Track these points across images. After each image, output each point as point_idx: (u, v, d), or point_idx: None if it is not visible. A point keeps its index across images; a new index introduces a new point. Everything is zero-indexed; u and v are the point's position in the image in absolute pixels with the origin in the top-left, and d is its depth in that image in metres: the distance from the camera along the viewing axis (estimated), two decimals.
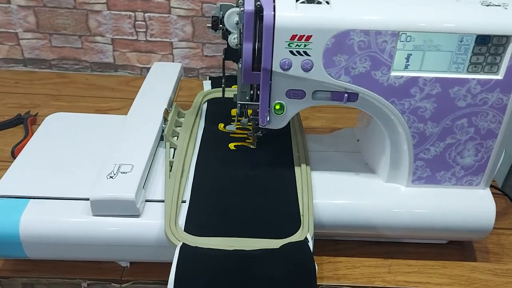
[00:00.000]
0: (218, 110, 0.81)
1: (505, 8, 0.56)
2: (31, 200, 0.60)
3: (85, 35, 1.05)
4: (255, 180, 0.66)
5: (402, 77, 0.57)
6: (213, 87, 0.87)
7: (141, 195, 0.60)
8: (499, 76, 0.57)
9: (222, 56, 0.66)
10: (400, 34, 0.55)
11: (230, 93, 0.85)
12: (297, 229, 0.59)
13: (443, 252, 0.69)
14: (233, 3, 0.64)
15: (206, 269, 0.54)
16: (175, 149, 0.70)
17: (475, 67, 0.57)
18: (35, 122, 0.91)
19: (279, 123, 0.63)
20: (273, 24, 0.55)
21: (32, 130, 0.87)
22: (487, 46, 0.56)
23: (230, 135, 0.75)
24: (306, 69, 0.57)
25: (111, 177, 0.60)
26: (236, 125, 0.74)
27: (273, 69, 0.57)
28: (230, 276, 0.54)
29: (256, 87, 0.66)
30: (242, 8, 0.58)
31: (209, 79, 0.96)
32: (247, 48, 0.59)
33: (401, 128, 0.61)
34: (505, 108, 0.59)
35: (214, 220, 0.60)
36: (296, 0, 0.56)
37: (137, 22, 1.03)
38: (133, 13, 1.02)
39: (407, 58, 0.57)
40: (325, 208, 0.63)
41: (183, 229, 0.58)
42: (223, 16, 0.63)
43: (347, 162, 0.71)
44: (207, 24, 0.65)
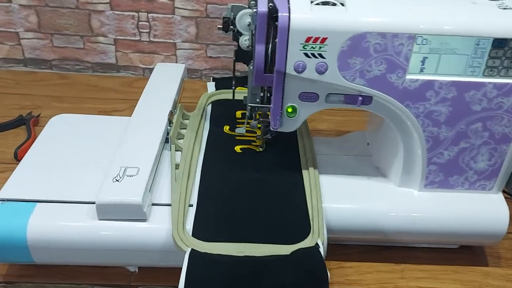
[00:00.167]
0: (222, 112, 0.80)
1: None
2: (38, 204, 0.59)
3: (87, 35, 1.03)
4: (263, 184, 0.65)
5: (417, 80, 0.57)
6: (217, 89, 0.86)
7: (148, 198, 0.59)
8: None
9: (233, 58, 0.65)
10: (416, 37, 0.54)
11: (229, 94, 0.84)
12: (307, 234, 0.58)
13: (454, 257, 0.68)
14: (244, 5, 0.63)
15: (216, 276, 0.53)
16: (181, 152, 0.69)
17: (491, 70, 0.57)
18: (37, 123, 0.89)
19: (291, 126, 0.62)
20: (288, 26, 0.54)
21: (35, 132, 0.85)
22: (504, 50, 0.55)
23: (236, 137, 0.74)
24: (321, 72, 0.56)
25: (117, 181, 0.59)
26: (246, 127, 0.73)
27: (286, 72, 0.56)
28: (241, 283, 0.53)
29: (266, 89, 0.65)
30: (255, 10, 0.57)
31: (212, 81, 0.95)
32: (260, 50, 0.58)
33: (415, 132, 0.60)
34: None
35: (222, 224, 0.59)
36: (311, 2, 0.56)
37: (141, 23, 1.02)
38: (136, 14, 1.01)
39: (423, 61, 0.56)
40: (336, 213, 0.63)
41: (191, 234, 0.57)
42: (234, 18, 0.62)
43: (357, 166, 0.70)
44: (218, 26, 0.64)
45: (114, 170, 0.59)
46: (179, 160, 0.67)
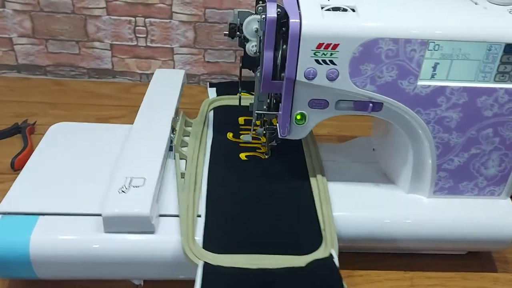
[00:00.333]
0: (225, 118, 0.79)
1: None
2: (40, 217, 0.57)
3: (83, 40, 1.01)
4: (271, 193, 0.64)
5: (429, 86, 0.56)
6: (218, 94, 0.85)
7: (155, 210, 0.58)
8: None
9: (239, 64, 0.64)
10: (429, 43, 0.54)
11: (234, 101, 0.83)
12: (318, 243, 0.57)
13: (463, 263, 0.67)
14: (251, 10, 0.62)
15: None
16: (185, 160, 0.68)
17: (503, 76, 0.56)
18: (33, 131, 0.87)
19: (299, 133, 0.61)
20: (299, 32, 0.53)
21: (31, 140, 0.83)
22: None
23: (240, 144, 0.73)
24: (332, 79, 0.55)
25: (123, 192, 0.57)
26: (252, 134, 0.71)
27: (297, 79, 0.55)
28: None
29: (273, 96, 0.64)
30: (263, 16, 0.56)
31: (210, 86, 0.94)
32: (268, 56, 0.56)
33: (425, 139, 0.60)
34: None
35: (233, 235, 0.57)
36: (321, 7, 0.55)
37: (138, 28, 1.00)
38: (133, 18, 0.99)
39: (434, 67, 0.55)
40: (345, 221, 0.61)
41: (201, 245, 0.55)
42: (241, 24, 0.61)
43: (364, 173, 0.69)
44: (224, 32, 0.63)
45: (119, 181, 0.58)
46: (184, 169, 0.66)
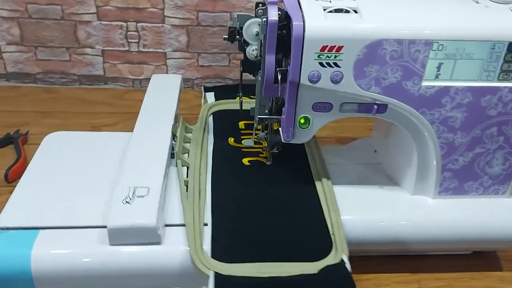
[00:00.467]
0: (225, 123, 0.78)
1: None
2: (41, 231, 0.55)
3: (73, 47, 0.99)
4: (276, 198, 0.63)
5: (433, 86, 0.56)
6: (217, 99, 0.84)
7: (161, 220, 0.56)
8: None
9: (240, 68, 0.63)
10: (433, 43, 0.53)
11: (233, 105, 0.82)
12: (329, 249, 0.56)
13: (469, 263, 0.67)
14: (250, 14, 0.61)
15: None
16: (186, 167, 0.66)
17: (506, 74, 0.56)
18: (26, 142, 0.85)
19: (303, 137, 0.60)
20: (303, 35, 0.52)
21: (25, 150, 0.81)
22: None
23: (242, 149, 0.71)
24: (336, 81, 0.54)
25: (128, 202, 0.55)
26: (254, 139, 0.70)
27: (301, 82, 0.54)
28: None
29: (275, 100, 0.63)
30: (264, 19, 0.55)
31: (206, 90, 0.93)
32: (270, 60, 0.56)
33: (430, 139, 0.59)
34: None
35: (241, 243, 0.56)
36: (324, 9, 0.54)
37: (129, 33, 0.98)
38: (125, 23, 0.97)
39: (438, 67, 0.55)
40: (351, 225, 0.61)
41: (209, 255, 0.54)
42: (240, 27, 0.60)
43: (367, 175, 0.68)
44: (223, 36, 0.61)
45: (123, 191, 0.56)
46: (186, 176, 0.64)
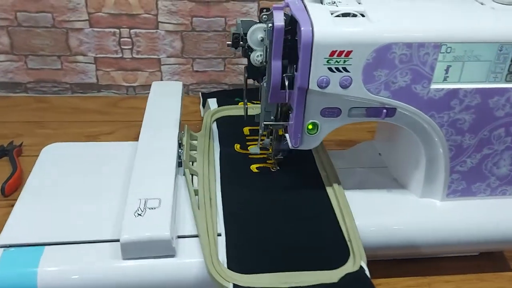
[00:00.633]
0: (229, 130, 0.76)
1: None
2: (46, 247, 0.53)
3: (65, 55, 0.97)
4: (289, 205, 0.62)
5: (442, 89, 0.55)
6: (219, 105, 0.82)
7: (175, 232, 0.55)
8: None
9: (244, 74, 0.62)
10: (441, 46, 0.53)
11: (236, 111, 0.81)
12: (346, 256, 0.55)
13: (477, 265, 0.67)
14: (253, 20, 0.60)
15: None
16: (195, 176, 0.65)
17: None
18: (21, 153, 0.82)
19: (311, 143, 0.60)
20: (312, 41, 0.51)
21: (20, 163, 0.79)
22: None
23: (249, 156, 0.70)
24: (345, 86, 0.54)
25: (140, 215, 0.54)
26: (260, 145, 0.69)
27: (309, 88, 0.54)
28: None
29: (280, 105, 0.62)
30: (270, 24, 0.54)
31: (206, 97, 0.92)
32: (276, 65, 0.55)
33: (439, 142, 0.59)
34: None
35: (257, 253, 0.55)
36: (331, 14, 0.53)
37: (122, 39, 0.96)
38: (118, 30, 0.95)
39: (446, 70, 0.55)
40: (361, 230, 0.60)
41: (225, 266, 0.53)
42: (244, 33, 0.59)
43: (374, 178, 0.68)
44: (227, 42, 0.60)
45: (133, 203, 0.54)
46: (195, 185, 0.63)
